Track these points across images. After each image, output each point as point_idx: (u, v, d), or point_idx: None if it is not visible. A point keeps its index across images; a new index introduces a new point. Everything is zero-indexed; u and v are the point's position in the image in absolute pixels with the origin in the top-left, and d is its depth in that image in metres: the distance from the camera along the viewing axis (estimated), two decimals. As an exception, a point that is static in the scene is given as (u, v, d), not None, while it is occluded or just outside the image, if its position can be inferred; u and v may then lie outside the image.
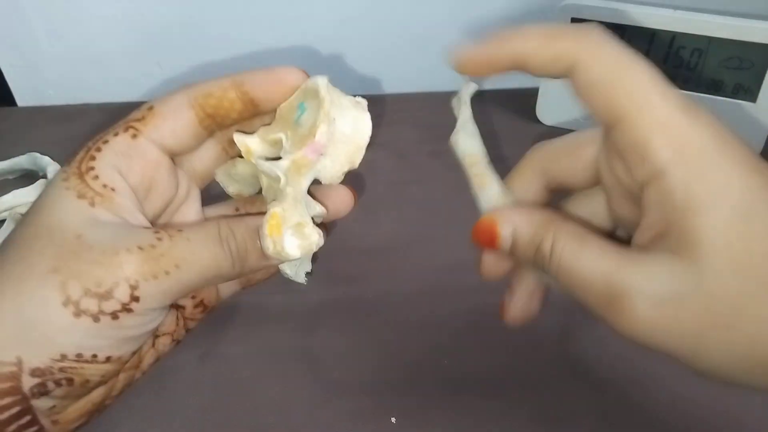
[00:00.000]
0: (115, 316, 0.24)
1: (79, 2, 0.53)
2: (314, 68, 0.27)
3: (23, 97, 0.59)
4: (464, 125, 0.27)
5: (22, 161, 0.48)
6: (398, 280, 0.41)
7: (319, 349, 0.37)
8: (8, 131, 0.54)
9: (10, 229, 0.42)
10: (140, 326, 0.25)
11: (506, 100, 0.55)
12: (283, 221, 0.26)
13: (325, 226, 0.28)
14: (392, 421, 0.34)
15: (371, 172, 0.48)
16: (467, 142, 0.27)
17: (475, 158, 0.27)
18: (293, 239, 0.26)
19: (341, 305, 0.40)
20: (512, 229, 0.25)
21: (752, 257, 0.20)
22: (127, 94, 0.57)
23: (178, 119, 0.27)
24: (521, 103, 0.55)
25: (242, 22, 0.55)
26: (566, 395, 0.35)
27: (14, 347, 0.23)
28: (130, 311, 0.24)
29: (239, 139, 0.28)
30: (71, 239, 0.24)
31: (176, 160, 0.29)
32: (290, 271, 0.29)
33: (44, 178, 0.46)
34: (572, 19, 0.48)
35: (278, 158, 0.27)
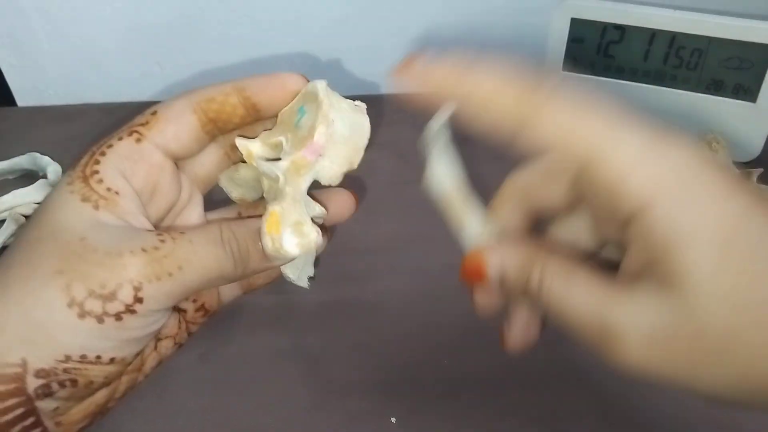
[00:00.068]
0: (119, 317, 0.24)
1: (79, 2, 0.53)
2: (314, 68, 0.28)
3: (23, 97, 0.59)
4: (436, 162, 0.26)
5: (22, 161, 0.48)
6: (398, 280, 0.41)
7: (319, 349, 0.37)
8: (8, 131, 0.54)
9: (10, 229, 0.42)
10: (143, 327, 0.26)
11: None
12: (281, 219, 0.26)
13: (326, 229, 0.28)
14: (392, 421, 0.34)
15: (371, 172, 0.48)
16: (440, 182, 0.26)
17: (449, 197, 0.26)
18: (292, 237, 0.26)
19: (341, 305, 0.40)
20: (499, 265, 0.24)
21: (736, 286, 0.20)
22: (127, 94, 0.57)
23: (181, 124, 0.27)
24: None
25: (242, 22, 0.55)
26: (566, 395, 0.35)
27: (19, 348, 0.23)
28: (133, 312, 0.24)
29: (241, 143, 0.29)
30: (76, 242, 0.24)
31: (179, 164, 0.29)
32: (293, 275, 0.29)
33: (44, 178, 0.46)
34: (572, 19, 0.48)
35: (278, 159, 0.27)
